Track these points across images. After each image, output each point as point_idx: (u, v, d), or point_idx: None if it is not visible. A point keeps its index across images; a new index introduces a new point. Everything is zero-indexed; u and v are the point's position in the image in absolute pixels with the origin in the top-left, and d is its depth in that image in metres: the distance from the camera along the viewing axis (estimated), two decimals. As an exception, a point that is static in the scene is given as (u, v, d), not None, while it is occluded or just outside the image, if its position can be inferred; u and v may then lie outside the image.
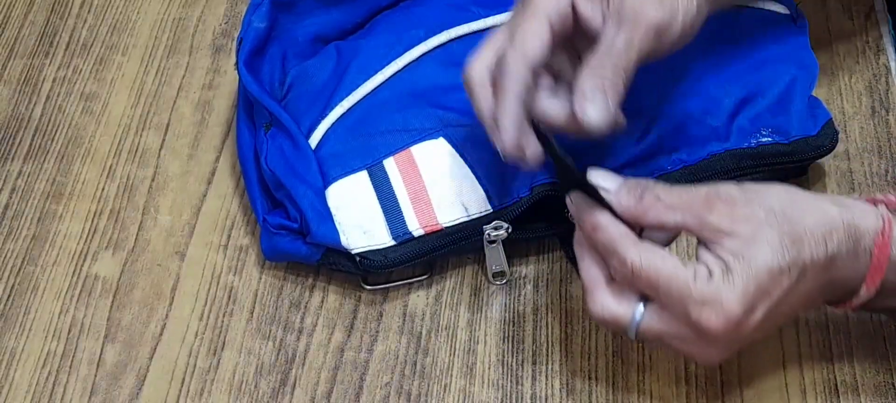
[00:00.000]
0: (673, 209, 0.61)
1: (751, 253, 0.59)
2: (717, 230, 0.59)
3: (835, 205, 0.61)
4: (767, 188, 0.61)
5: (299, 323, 0.72)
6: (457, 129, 0.73)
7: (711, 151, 0.73)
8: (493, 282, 0.73)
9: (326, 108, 0.75)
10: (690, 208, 0.60)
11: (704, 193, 0.60)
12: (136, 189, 0.79)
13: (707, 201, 0.60)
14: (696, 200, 0.60)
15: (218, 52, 0.86)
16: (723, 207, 0.60)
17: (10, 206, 0.79)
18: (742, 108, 0.74)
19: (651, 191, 0.61)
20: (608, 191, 0.62)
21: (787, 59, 0.76)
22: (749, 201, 0.60)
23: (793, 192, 0.61)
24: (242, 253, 0.75)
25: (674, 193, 0.61)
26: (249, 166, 0.76)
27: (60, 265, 0.75)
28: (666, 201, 0.61)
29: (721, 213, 0.60)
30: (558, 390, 0.69)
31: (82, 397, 0.70)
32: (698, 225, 0.60)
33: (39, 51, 0.87)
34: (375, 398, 0.69)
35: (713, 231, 0.60)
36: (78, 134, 0.82)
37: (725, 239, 0.59)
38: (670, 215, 0.61)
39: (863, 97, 0.81)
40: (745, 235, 0.59)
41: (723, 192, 0.60)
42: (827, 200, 0.61)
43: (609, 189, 0.62)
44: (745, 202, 0.60)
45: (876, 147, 0.78)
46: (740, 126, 0.74)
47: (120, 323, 0.73)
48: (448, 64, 0.76)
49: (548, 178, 0.71)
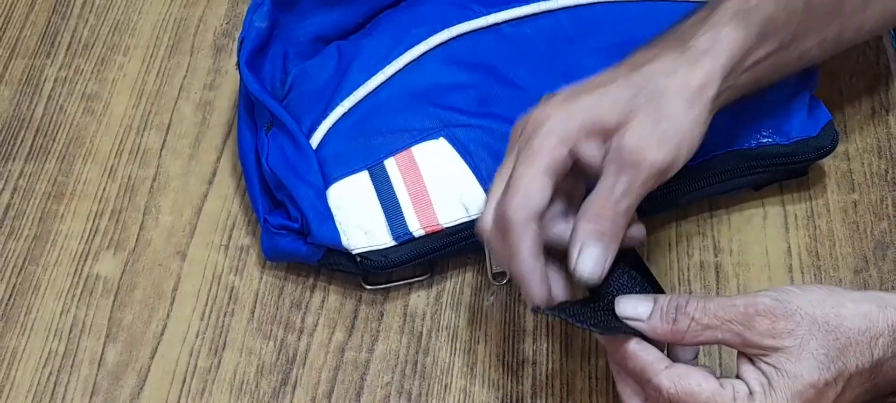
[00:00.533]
0: (711, 328, 0.58)
1: (795, 368, 0.57)
2: (759, 347, 0.58)
3: (878, 307, 0.58)
4: (806, 293, 0.59)
5: (300, 323, 0.72)
6: (457, 129, 0.73)
7: (712, 152, 0.73)
8: (494, 282, 0.73)
9: (328, 108, 0.75)
10: (729, 326, 0.58)
11: (742, 307, 0.58)
12: (137, 189, 0.79)
13: (746, 317, 0.58)
14: (735, 316, 0.58)
15: (219, 52, 0.86)
16: (763, 322, 0.58)
17: (11, 206, 0.79)
18: (743, 109, 0.74)
19: (685, 313, 0.59)
20: (640, 320, 0.60)
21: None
22: (789, 314, 0.58)
23: (834, 296, 0.59)
24: (243, 254, 0.76)
25: (709, 311, 0.59)
26: (250, 166, 0.76)
27: (61, 265, 0.76)
28: (702, 321, 0.59)
29: (762, 329, 0.58)
30: (559, 390, 0.69)
31: (83, 396, 0.70)
32: (740, 342, 0.58)
33: (41, 51, 0.87)
34: (376, 397, 0.69)
35: (755, 347, 0.58)
36: (79, 134, 0.82)
37: (769, 355, 0.58)
38: (708, 334, 0.59)
39: (863, 97, 0.81)
40: (789, 349, 0.57)
41: (761, 305, 0.58)
42: (868, 300, 0.59)
43: (641, 318, 0.60)
44: (785, 315, 0.58)
45: (876, 147, 0.78)
46: (741, 126, 0.74)
47: (121, 323, 0.73)
48: (449, 62, 0.76)
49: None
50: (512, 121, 0.73)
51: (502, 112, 0.74)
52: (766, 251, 0.74)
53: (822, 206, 0.76)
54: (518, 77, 0.76)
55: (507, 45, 0.77)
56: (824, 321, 0.58)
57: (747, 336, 0.58)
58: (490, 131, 0.73)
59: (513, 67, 0.76)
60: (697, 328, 0.59)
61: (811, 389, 0.57)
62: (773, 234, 0.75)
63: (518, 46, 0.77)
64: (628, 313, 0.60)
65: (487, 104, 0.75)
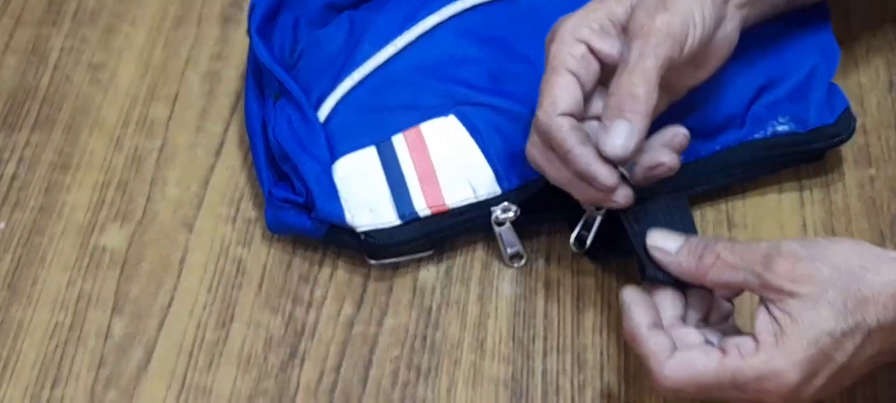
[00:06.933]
0: (734, 268, 0.59)
1: (810, 316, 0.57)
2: (778, 290, 0.58)
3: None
4: (834, 243, 0.59)
5: (308, 297, 0.72)
6: (468, 108, 0.72)
7: (725, 144, 0.72)
8: (510, 265, 0.72)
9: (337, 80, 0.74)
10: (751, 267, 0.58)
11: (765, 249, 0.58)
12: (143, 160, 0.79)
13: (768, 258, 0.58)
14: (757, 258, 0.58)
15: (227, 23, 0.86)
16: (784, 265, 0.58)
17: (17, 177, 0.78)
18: (761, 95, 0.73)
19: (712, 251, 0.60)
20: (668, 253, 0.61)
21: (809, 45, 0.75)
22: (812, 258, 0.58)
23: (861, 248, 0.59)
24: (251, 226, 0.75)
25: (736, 251, 0.59)
26: (257, 137, 0.75)
27: (68, 236, 0.75)
28: (727, 260, 0.59)
29: (781, 272, 0.58)
30: (569, 365, 0.68)
31: (90, 369, 0.69)
32: (759, 284, 0.58)
33: (46, 20, 0.87)
34: (385, 372, 0.69)
35: (773, 290, 0.58)
36: (85, 104, 0.82)
37: (786, 300, 0.57)
38: (731, 274, 0.59)
39: (880, 71, 0.80)
40: (806, 296, 0.57)
41: (785, 249, 0.58)
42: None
43: (669, 250, 0.61)
44: (808, 259, 0.58)
45: (893, 121, 0.78)
46: (757, 113, 0.73)
47: (128, 295, 0.72)
48: (462, 34, 0.75)
49: None
50: (522, 99, 0.72)
51: (513, 89, 0.73)
52: (782, 226, 0.73)
53: (838, 181, 0.75)
54: (531, 52, 0.75)
55: (522, 17, 0.76)
56: (848, 270, 0.57)
57: (767, 278, 0.58)
58: (500, 110, 0.72)
59: (526, 42, 0.75)
60: (722, 266, 0.59)
61: (827, 337, 0.57)
62: (788, 209, 0.74)
63: (533, 19, 0.76)
64: (658, 243, 0.62)
65: (499, 80, 0.74)
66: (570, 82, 0.64)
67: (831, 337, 0.57)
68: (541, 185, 0.70)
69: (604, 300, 0.71)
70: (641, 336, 0.60)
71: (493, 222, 0.70)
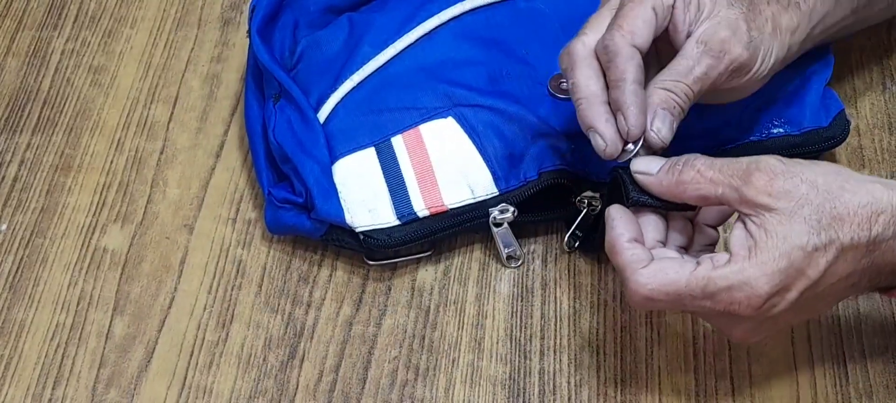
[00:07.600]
0: (713, 182, 0.59)
1: (784, 230, 0.57)
2: (754, 203, 0.58)
3: (885, 188, 0.58)
4: (815, 165, 0.59)
5: (308, 297, 0.72)
6: (466, 109, 0.73)
7: (721, 146, 0.72)
8: (507, 266, 0.73)
9: (337, 81, 0.75)
10: (730, 181, 0.59)
11: (745, 164, 0.59)
12: (144, 162, 0.79)
13: (746, 173, 0.58)
14: (736, 172, 0.59)
15: (227, 25, 0.86)
16: (762, 179, 0.58)
17: (18, 179, 0.79)
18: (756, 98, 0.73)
19: (692, 166, 0.60)
20: (650, 173, 0.62)
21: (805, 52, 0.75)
22: (791, 174, 0.58)
23: (841, 170, 0.59)
24: (251, 227, 0.75)
25: (715, 165, 0.60)
26: (256, 138, 0.76)
27: (69, 237, 0.76)
28: (707, 174, 0.60)
29: (759, 185, 0.58)
30: (566, 365, 0.69)
31: (91, 369, 0.70)
32: (737, 198, 0.58)
33: (48, 23, 0.87)
34: (384, 371, 0.69)
35: (750, 204, 0.58)
36: (86, 106, 0.82)
37: (762, 214, 0.58)
38: (710, 188, 0.59)
39: (873, 73, 0.81)
40: (781, 211, 0.57)
41: (764, 164, 0.59)
42: (877, 182, 0.59)
43: (651, 171, 0.62)
44: (787, 175, 0.58)
45: (886, 123, 0.78)
46: (752, 116, 0.73)
47: (129, 296, 0.73)
48: (461, 37, 0.76)
49: (556, 165, 0.71)
50: (521, 100, 0.73)
51: (512, 90, 0.74)
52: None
53: (832, 182, 0.75)
54: (530, 54, 0.75)
55: (522, 20, 0.76)
56: (826, 189, 0.58)
57: (744, 192, 0.58)
58: (499, 112, 0.73)
59: (525, 44, 0.76)
60: (701, 180, 0.60)
61: (799, 251, 0.57)
62: (782, 210, 0.74)
63: (532, 22, 0.76)
64: (641, 167, 0.62)
65: (498, 82, 0.74)
66: (652, 18, 0.64)
67: (803, 251, 0.57)
68: (538, 186, 0.71)
69: (600, 300, 0.71)
70: (620, 247, 0.60)
71: (491, 223, 0.71)
